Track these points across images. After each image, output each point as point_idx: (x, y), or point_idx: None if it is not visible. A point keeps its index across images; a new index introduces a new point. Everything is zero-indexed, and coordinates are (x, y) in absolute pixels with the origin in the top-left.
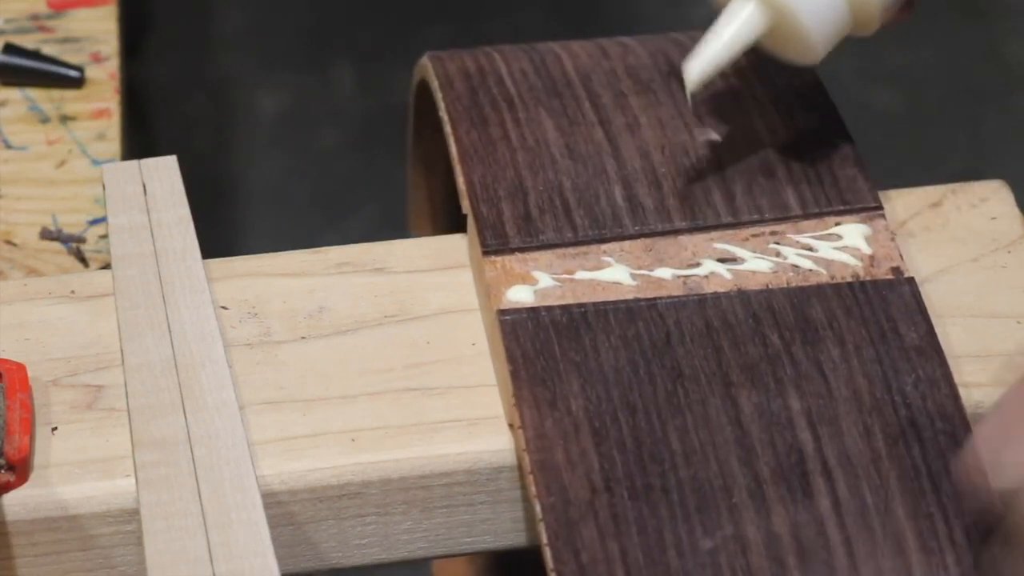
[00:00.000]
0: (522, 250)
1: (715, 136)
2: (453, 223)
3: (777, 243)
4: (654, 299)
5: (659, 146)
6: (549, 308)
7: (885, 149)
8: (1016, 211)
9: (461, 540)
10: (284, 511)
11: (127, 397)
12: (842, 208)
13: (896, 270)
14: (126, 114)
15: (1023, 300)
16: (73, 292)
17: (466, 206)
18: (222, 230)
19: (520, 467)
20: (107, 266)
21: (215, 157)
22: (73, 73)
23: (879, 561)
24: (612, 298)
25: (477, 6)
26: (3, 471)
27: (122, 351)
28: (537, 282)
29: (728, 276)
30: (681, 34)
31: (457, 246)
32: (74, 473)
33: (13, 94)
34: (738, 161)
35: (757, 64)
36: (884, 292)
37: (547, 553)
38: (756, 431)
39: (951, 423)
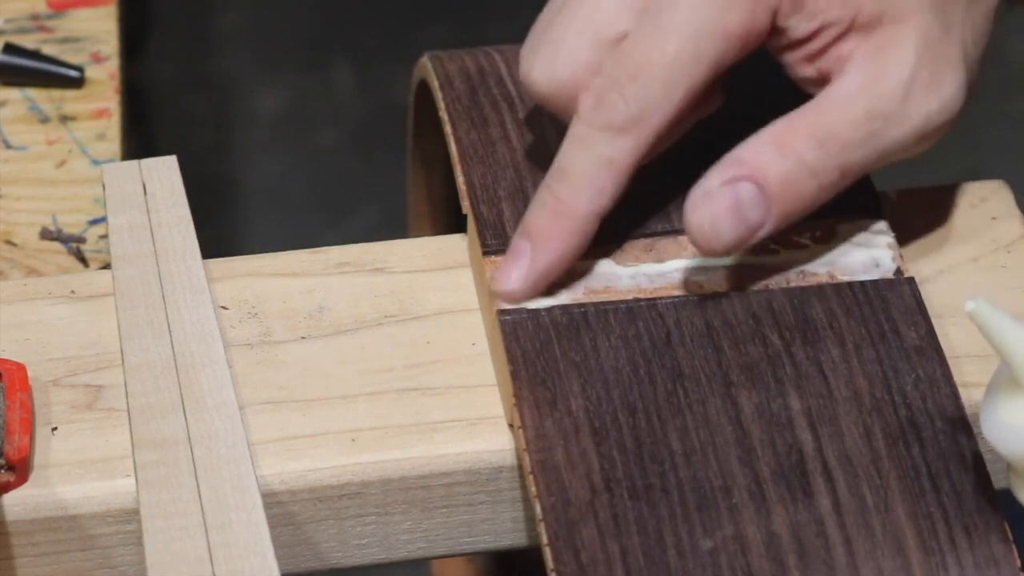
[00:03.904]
0: None
1: (715, 137)
2: (453, 223)
3: (777, 243)
4: (654, 299)
5: None
6: (549, 308)
7: None
8: (1016, 211)
9: (461, 540)
10: (284, 511)
11: (127, 397)
12: (842, 208)
13: (896, 270)
14: (126, 114)
15: (1023, 300)
16: (73, 292)
17: (466, 206)
18: (222, 230)
19: (520, 467)
20: (107, 266)
21: (215, 157)
22: (73, 73)
23: (879, 561)
24: (612, 298)
25: (477, 6)
26: (3, 471)
27: (122, 351)
28: None
29: (728, 276)
30: None
31: (457, 246)
32: (74, 473)
33: (13, 94)
34: None
35: (756, 64)
36: (884, 292)
37: (547, 553)
38: (756, 431)
39: (951, 423)
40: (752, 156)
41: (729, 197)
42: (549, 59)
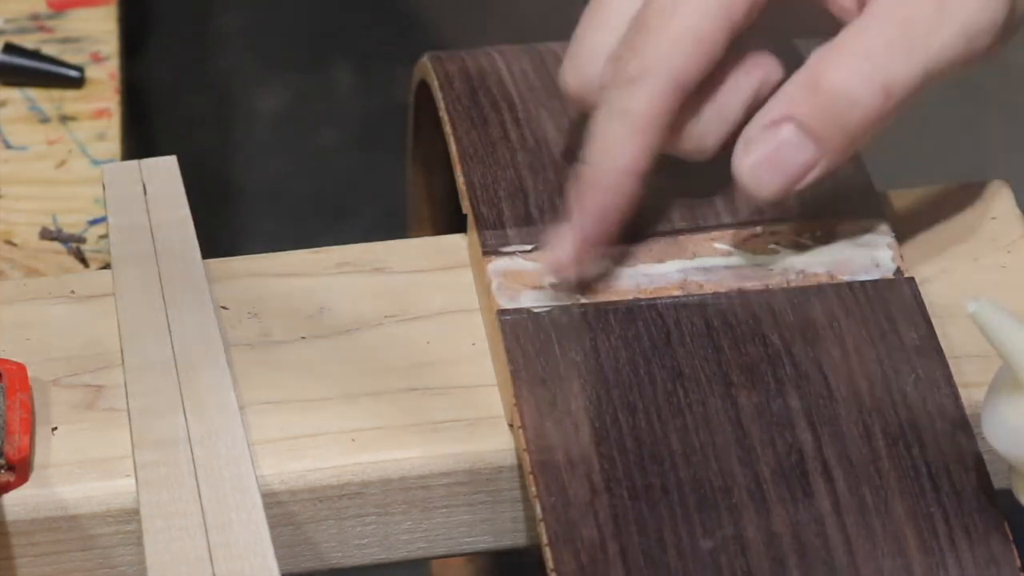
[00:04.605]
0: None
1: None
2: (453, 223)
3: (777, 243)
4: (654, 299)
5: None
6: (549, 308)
7: (885, 149)
8: (1016, 211)
9: (461, 540)
10: (284, 511)
11: (127, 397)
12: (842, 208)
13: (896, 270)
14: (126, 114)
15: (1023, 300)
16: (73, 292)
17: (466, 206)
18: (222, 230)
19: (520, 467)
20: (107, 266)
21: (215, 157)
22: (73, 73)
23: (879, 561)
24: (612, 298)
25: (477, 6)
26: (3, 471)
27: (122, 351)
28: None
29: (728, 276)
30: None
31: (457, 246)
32: (74, 473)
33: (13, 94)
34: None
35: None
36: (884, 292)
37: (547, 553)
38: (756, 431)
39: (951, 423)
40: (789, 96)
41: (771, 142)
42: (574, 61)
